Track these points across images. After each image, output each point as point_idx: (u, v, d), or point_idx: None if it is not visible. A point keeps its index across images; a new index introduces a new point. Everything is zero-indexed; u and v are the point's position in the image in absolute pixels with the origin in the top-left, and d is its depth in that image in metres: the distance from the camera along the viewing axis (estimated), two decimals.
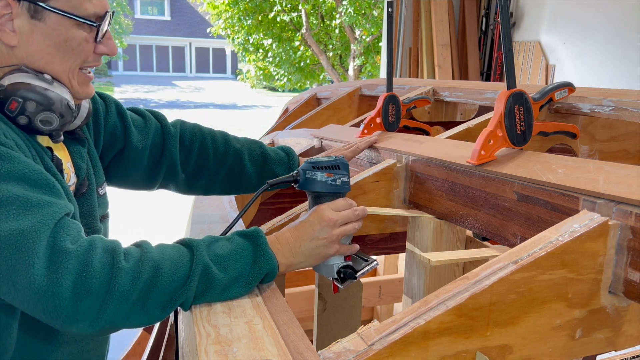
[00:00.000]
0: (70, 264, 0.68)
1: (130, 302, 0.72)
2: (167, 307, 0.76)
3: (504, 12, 0.98)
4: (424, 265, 1.14)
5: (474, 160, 1.00)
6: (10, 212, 0.68)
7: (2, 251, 0.67)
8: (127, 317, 0.73)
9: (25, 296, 0.68)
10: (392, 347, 0.63)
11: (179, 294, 0.76)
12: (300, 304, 2.16)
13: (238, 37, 11.82)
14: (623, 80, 3.56)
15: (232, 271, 0.80)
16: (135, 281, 0.72)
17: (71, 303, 0.68)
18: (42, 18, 0.82)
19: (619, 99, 1.16)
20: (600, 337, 0.76)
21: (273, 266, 0.84)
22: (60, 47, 0.84)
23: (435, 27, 4.64)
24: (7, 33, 0.81)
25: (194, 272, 0.77)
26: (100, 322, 0.71)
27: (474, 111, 1.83)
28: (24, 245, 0.67)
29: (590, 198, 0.77)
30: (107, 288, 0.70)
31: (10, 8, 0.80)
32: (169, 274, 0.75)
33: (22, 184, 0.72)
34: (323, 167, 0.96)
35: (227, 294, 0.81)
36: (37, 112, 0.82)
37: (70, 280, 0.68)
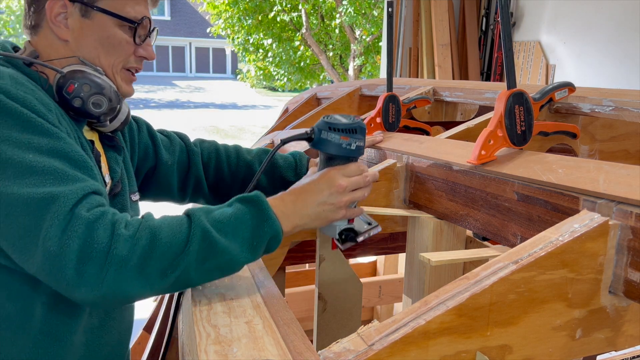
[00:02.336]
0: (80, 229, 0.72)
1: (129, 268, 0.73)
2: (167, 273, 0.76)
3: (504, 12, 0.98)
4: (424, 265, 1.14)
5: (474, 160, 1.00)
6: (47, 180, 0.75)
7: (31, 211, 0.72)
8: (127, 283, 0.74)
9: (37, 257, 0.72)
10: (392, 347, 0.63)
11: (178, 260, 0.76)
12: (300, 304, 2.16)
13: (238, 37, 11.82)
14: (623, 80, 3.56)
15: (233, 236, 0.80)
16: (134, 247, 0.74)
17: (75, 267, 0.71)
18: (90, 17, 0.94)
19: (619, 98, 1.16)
20: (600, 337, 0.76)
21: (277, 230, 0.84)
22: (104, 43, 0.96)
23: (435, 27, 4.64)
24: (62, 29, 0.94)
25: (192, 237, 0.77)
26: (102, 287, 0.73)
27: (474, 111, 1.83)
28: (51, 208, 0.72)
29: (591, 198, 0.77)
30: (107, 254, 0.72)
31: (66, 8, 0.93)
32: (167, 239, 0.76)
33: (64, 161, 0.78)
34: (340, 129, 0.92)
35: (233, 260, 0.80)
36: (90, 94, 0.92)
37: (77, 245, 0.72)
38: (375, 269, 2.67)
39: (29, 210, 0.72)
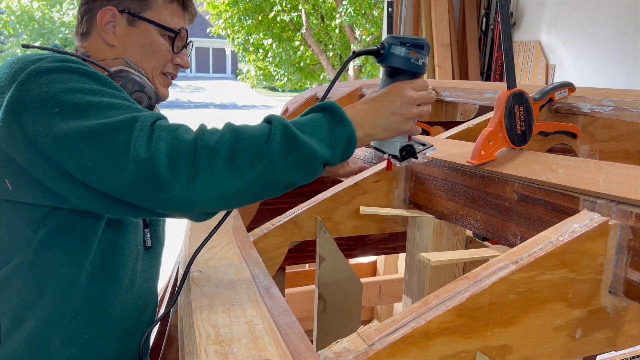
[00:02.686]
0: (165, 134, 0.79)
1: (219, 157, 0.79)
2: (254, 162, 0.80)
3: (504, 12, 0.98)
4: (424, 265, 1.14)
5: (474, 160, 1.00)
6: (125, 110, 0.83)
7: (116, 131, 0.79)
8: (218, 174, 0.78)
9: (129, 170, 0.77)
10: (392, 347, 0.63)
11: (264, 149, 0.80)
12: (300, 304, 2.16)
13: (238, 37, 11.82)
14: (623, 80, 3.56)
15: (312, 135, 0.84)
16: (220, 138, 0.80)
17: (167, 165, 0.77)
18: (135, 25, 1.05)
19: (619, 98, 1.16)
20: (600, 337, 0.76)
21: (352, 132, 0.87)
22: (147, 49, 1.06)
23: (435, 27, 4.64)
24: (110, 35, 1.04)
25: (274, 131, 0.82)
26: (196, 181, 0.78)
27: (474, 111, 1.83)
28: (135, 125, 0.79)
29: (591, 198, 0.77)
30: (195, 148, 0.79)
31: (115, 17, 1.04)
32: (250, 133, 0.82)
33: (134, 104, 0.87)
34: (409, 43, 0.95)
35: (314, 154, 0.83)
36: (133, 91, 1.02)
37: (166, 146, 0.78)
38: (375, 269, 2.67)
39: (114, 132, 0.79)
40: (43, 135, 0.80)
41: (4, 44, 18.36)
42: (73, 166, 0.79)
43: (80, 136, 0.79)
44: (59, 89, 0.82)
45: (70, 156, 0.79)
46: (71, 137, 0.79)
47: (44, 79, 0.83)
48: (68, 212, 0.88)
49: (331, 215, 1.23)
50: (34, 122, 0.81)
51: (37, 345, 0.88)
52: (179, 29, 1.09)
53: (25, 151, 0.82)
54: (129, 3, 1.04)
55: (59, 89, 0.82)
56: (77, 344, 0.92)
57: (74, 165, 0.79)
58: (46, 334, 0.89)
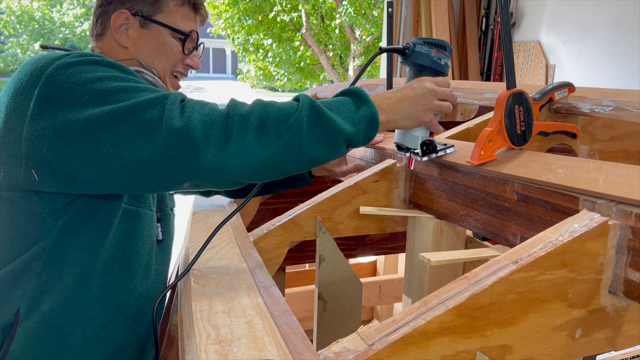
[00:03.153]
0: (197, 107, 0.86)
1: (250, 126, 0.84)
2: (282, 132, 0.85)
3: (504, 12, 0.98)
4: (424, 265, 1.14)
5: (474, 160, 1.00)
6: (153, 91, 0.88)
7: (148, 107, 0.84)
8: (249, 142, 0.84)
9: (161, 141, 0.82)
10: (392, 347, 0.63)
11: (292, 120, 0.86)
12: (300, 304, 2.16)
13: (238, 37, 11.81)
14: (623, 80, 3.56)
15: (337, 112, 0.90)
16: (251, 109, 0.86)
17: (201, 131, 0.82)
18: (148, 28, 1.09)
19: (619, 98, 1.16)
20: (600, 337, 0.76)
21: (374, 112, 0.93)
22: (158, 50, 1.10)
23: (435, 27, 4.64)
24: (123, 37, 1.09)
25: (302, 105, 0.88)
26: (228, 146, 0.83)
27: (474, 111, 1.83)
28: (166, 101, 0.85)
29: (591, 198, 0.77)
30: (228, 116, 0.85)
31: (128, 20, 1.08)
32: (279, 106, 0.88)
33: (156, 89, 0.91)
34: (433, 44, 1.04)
35: (338, 129, 0.89)
36: None
37: (199, 117, 0.84)
38: (375, 269, 2.67)
39: (145, 109, 0.83)
40: (74, 122, 0.83)
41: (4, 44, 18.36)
42: (106, 145, 0.83)
43: (112, 116, 0.83)
44: (87, 78, 0.86)
45: (103, 136, 0.83)
46: (104, 118, 0.83)
47: (71, 70, 0.87)
48: (88, 201, 0.93)
49: (331, 215, 1.23)
50: (65, 111, 0.84)
51: (52, 327, 0.91)
52: (190, 31, 1.13)
53: (55, 139, 0.84)
54: (142, 6, 1.09)
55: (87, 79, 0.86)
56: (90, 327, 0.95)
57: (107, 144, 0.83)
58: (61, 316, 0.92)
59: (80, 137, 0.83)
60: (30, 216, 0.91)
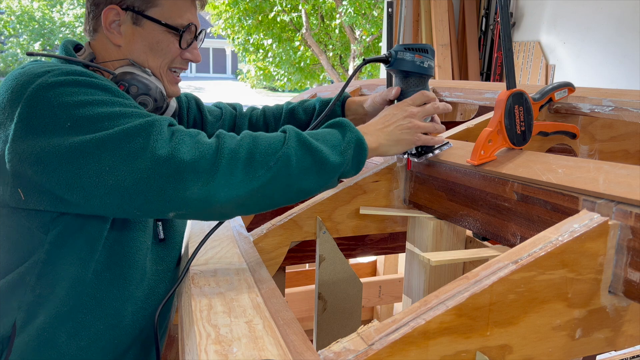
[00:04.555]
0: (186, 138, 0.84)
1: (239, 159, 0.83)
2: (271, 166, 0.85)
3: (504, 12, 0.98)
4: (424, 265, 1.14)
5: (474, 160, 1.00)
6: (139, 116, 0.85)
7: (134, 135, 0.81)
8: (236, 175, 0.83)
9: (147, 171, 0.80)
10: (392, 347, 0.63)
11: (280, 154, 0.86)
12: (300, 304, 2.16)
13: (238, 37, 11.81)
14: (623, 80, 3.56)
15: (324, 142, 0.91)
16: (240, 142, 0.85)
17: (189, 163, 0.81)
18: (141, 24, 1.03)
19: (619, 99, 1.16)
20: (600, 337, 0.76)
21: (360, 137, 0.94)
22: (153, 47, 1.04)
23: (435, 27, 4.64)
24: (115, 35, 1.03)
25: (289, 138, 0.88)
26: (215, 179, 0.82)
27: (474, 111, 1.83)
28: (153, 129, 0.82)
29: (590, 198, 0.77)
30: (217, 149, 0.83)
31: (119, 16, 1.01)
32: (267, 140, 0.87)
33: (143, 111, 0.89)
34: (413, 49, 1.06)
35: (326, 159, 0.89)
36: (137, 94, 1.01)
37: (187, 148, 0.82)
38: (375, 269, 2.67)
39: (130, 137, 0.81)
40: (57, 148, 0.81)
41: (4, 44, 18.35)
42: (89, 173, 0.81)
43: (95, 144, 0.81)
44: (69, 102, 0.83)
45: (86, 163, 0.81)
46: (86, 146, 0.81)
47: (52, 93, 0.83)
48: (75, 215, 0.91)
49: (331, 215, 1.23)
50: (47, 137, 0.82)
51: (47, 339, 0.91)
52: (187, 25, 1.06)
53: (37, 164, 0.83)
54: (133, 1, 1.02)
55: (69, 103, 0.83)
56: (84, 337, 0.94)
57: (91, 172, 0.81)
58: (54, 328, 0.92)
59: (63, 163, 0.82)
60: (21, 231, 0.91)
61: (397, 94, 1.11)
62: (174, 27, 1.04)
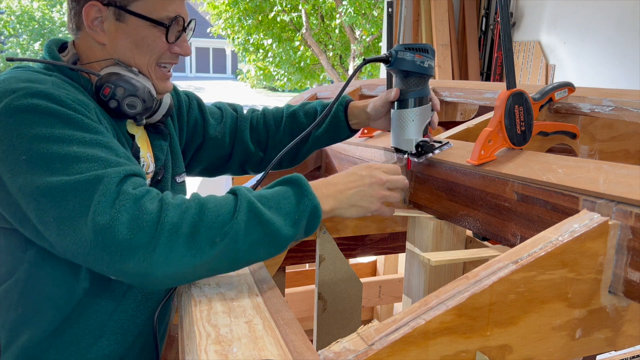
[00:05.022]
0: (128, 204, 0.76)
1: (180, 234, 0.76)
2: (216, 241, 0.78)
3: (504, 12, 0.98)
4: (424, 265, 1.14)
5: (474, 160, 1.00)
6: (92, 167, 0.79)
7: (79, 192, 0.76)
8: (177, 252, 0.76)
9: (87, 235, 0.75)
10: (392, 347, 0.63)
11: (227, 227, 0.78)
12: (300, 304, 2.16)
13: (238, 37, 11.81)
14: (623, 80, 3.56)
15: (277, 210, 0.83)
16: (183, 214, 0.77)
17: (126, 236, 0.74)
18: (124, 20, 0.97)
19: (619, 98, 1.16)
20: (600, 337, 0.76)
21: (316, 205, 0.87)
22: (139, 44, 0.99)
23: (435, 27, 4.64)
24: (99, 33, 0.98)
25: (239, 207, 0.80)
26: (153, 256, 0.75)
27: (474, 111, 1.83)
28: (98, 188, 0.77)
29: (590, 198, 0.77)
30: (157, 222, 0.76)
31: (101, 12, 0.96)
32: (215, 209, 0.79)
33: (106, 150, 0.83)
34: (413, 48, 1.05)
35: (277, 232, 0.82)
36: (124, 96, 0.97)
37: (127, 216, 0.75)
38: (375, 269, 2.67)
39: (77, 192, 0.76)
40: (10, 180, 0.80)
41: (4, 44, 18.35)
42: (35, 218, 0.79)
43: (43, 191, 0.77)
44: (27, 134, 0.80)
45: (33, 208, 0.78)
46: (35, 190, 0.78)
47: (13, 120, 0.81)
48: None
49: None
50: (3, 164, 0.80)
51: (32, 357, 0.90)
52: (174, 18, 1.00)
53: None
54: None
55: (27, 135, 0.80)
56: (73, 352, 0.93)
57: (36, 217, 0.79)
58: (40, 345, 0.90)
59: (16, 196, 0.80)
60: (1, 248, 0.90)
61: (397, 96, 1.11)
62: (159, 22, 0.98)
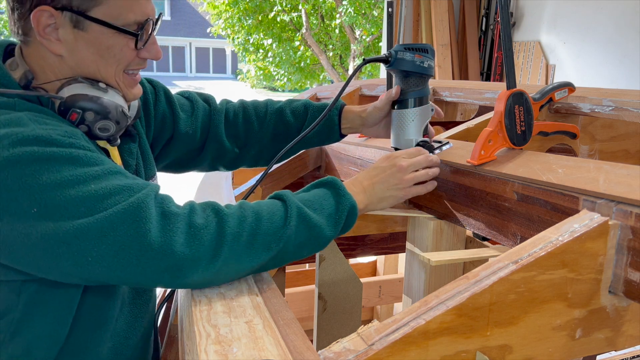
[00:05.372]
0: (181, 225, 0.75)
1: (241, 243, 0.78)
2: (271, 246, 0.81)
3: (504, 12, 0.98)
4: (424, 265, 1.14)
5: (474, 160, 1.00)
6: (121, 198, 0.75)
7: (123, 225, 0.72)
8: (238, 258, 0.79)
9: (145, 263, 0.73)
10: (392, 347, 0.63)
11: (281, 233, 0.82)
12: (300, 304, 2.16)
13: (238, 37, 11.81)
14: (623, 80, 3.56)
15: (321, 212, 0.87)
16: (242, 223, 0.79)
17: (188, 254, 0.75)
18: (84, 28, 0.83)
19: (619, 98, 1.16)
20: (600, 337, 0.76)
21: (353, 203, 0.91)
22: (104, 55, 0.86)
23: (435, 27, 4.64)
24: (53, 42, 0.83)
25: (290, 213, 0.83)
26: (216, 264, 0.77)
27: (474, 111, 1.83)
28: (140, 215, 0.73)
29: (591, 198, 0.77)
30: (219, 232, 0.77)
31: (54, 18, 0.82)
32: (269, 216, 0.82)
33: (120, 175, 0.78)
34: (413, 48, 1.05)
35: (321, 234, 0.87)
36: (96, 120, 0.86)
37: (183, 237, 0.75)
38: (375, 269, 2.67)
39: (118, 227, 0.72)
40: (25, 235, 0.71)
41: None
42: (69, 262, 0.73)
43: (75, 234, 0.71)
44: (33, 186, 0.71)
45: (66, 252, 0.72)
46: (65, 235, 0.71)
47: (7, 174, 0.70)
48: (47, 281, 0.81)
49: None
50: (9, 222, 0.71)
51: None
52: (144, 22, 0.87)
53: (2, 248, 0.74)
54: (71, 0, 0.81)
55: (34, 187, 0.71)
56: None
57: (71, 262, 0.73)
58: None
59: (36, 251, 0.72)
60: None
61: (398, 93, 1.11)
62: (126, 30, 0.85)
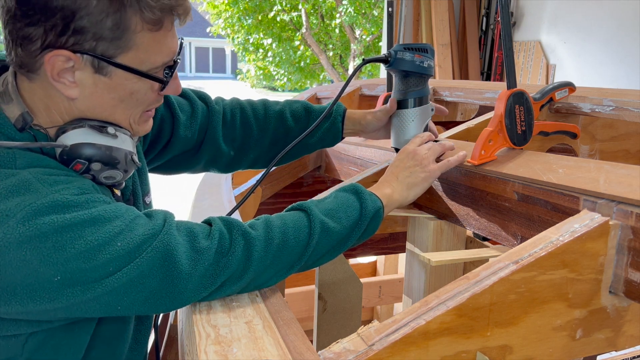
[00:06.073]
0: (209, 257, 0.77)
1: (265, 265, 0.81)
2: (294, 266, 0.85)
3: (504, 12, 0.98)
4: (424, 265, 1.14)
5: (474, 160, 1.00)
6: (145, 245, 0.73)
7: (152, 272, 0.73)
8: (262, 277, 0.82)
9: (173, 301, 0.76)
10: (392, 348, 0.63)
11: (304, 253, 0.84)
12: (300, 304, 2.16)
13: (238, 36, 11.81)
14: (623, 80, 3.56)
15: (345, 221, 0.89)
16: (269, 247, 0.81)
17: (217, 283, 0.78)
18: (107, 73, 0.76)
19: (620, 98, 1.16)
20: (600, 337, 0.76)
21: (378, 208, 0.92)
22: (125, 99, 0.80)
23: (435, 27, 4.64)
24: (68, 85, 0.75)
25: (314, 231, 0.85)
26: (241, 283, 0.81)
27: (474, 111, 1.83)
28: (166, 259, 0.73)
29: (591, 198, 0.77)
30: (247, 257, 0.79)
31: (72, 62, 0.73)
32: (294, 236, 0.83)
33: (138, 219, 0.76)
34: (413, 48, 1.06)
35: (343, 241, 0.89)
36: (102, 171, 0.80)
37: (212, 269, 0.77)
38: (375, 269, 2.67)
39: (149, 273, 0.73)
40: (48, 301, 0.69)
41: None
42: (97, 312, 0.73)
43: (103, 292, 0.70)
44: (56, 259, 0.67)
45: (92, 307, 0.72)
46: (92, 294, 0.70)
47: (25, 251, 0.66)
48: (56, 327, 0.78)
49: None
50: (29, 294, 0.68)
51: None
52: (172, 63, 0.81)
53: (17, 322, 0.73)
54: (95, 44, 0.73)
55: (57, 260, 0.67)
56: None
57: (99, 312, 0.73)
58: None
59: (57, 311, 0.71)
60: None
61: (394, 108, 1.10)
62: (155, 77, 0.79)
